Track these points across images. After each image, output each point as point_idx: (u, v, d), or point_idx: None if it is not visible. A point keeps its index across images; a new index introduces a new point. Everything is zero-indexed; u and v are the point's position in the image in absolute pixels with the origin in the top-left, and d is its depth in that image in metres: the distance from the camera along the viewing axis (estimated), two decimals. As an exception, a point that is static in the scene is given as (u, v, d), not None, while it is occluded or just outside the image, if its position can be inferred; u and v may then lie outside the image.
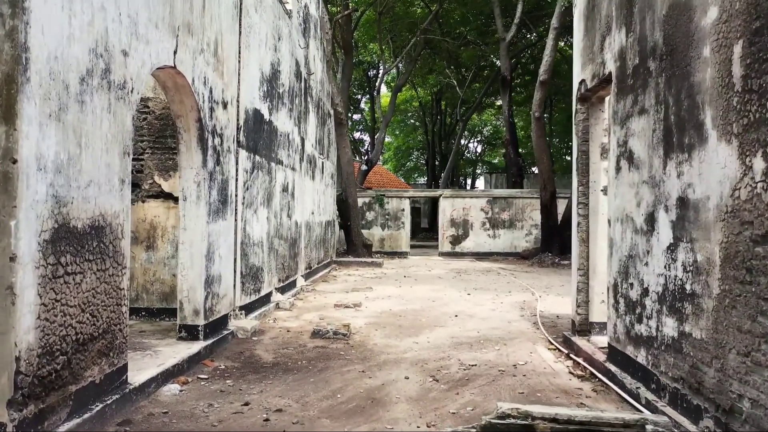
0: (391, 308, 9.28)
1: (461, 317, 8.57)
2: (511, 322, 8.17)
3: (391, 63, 25.23)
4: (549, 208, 17.55)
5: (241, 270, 7.53)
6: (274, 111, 9.19)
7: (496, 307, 9.57)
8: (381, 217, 21.41)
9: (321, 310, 9.10)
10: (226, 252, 6.86)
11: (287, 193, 10.25)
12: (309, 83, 12.40)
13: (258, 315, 8.01)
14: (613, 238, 5.30)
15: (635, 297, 4.74)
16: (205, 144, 6.14)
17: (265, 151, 8.70)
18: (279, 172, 9.60)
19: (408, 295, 10.79)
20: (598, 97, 6.44)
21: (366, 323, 8.00)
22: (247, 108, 7.74)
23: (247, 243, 7.80)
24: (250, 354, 6.25)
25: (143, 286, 7.32)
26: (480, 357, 6.21)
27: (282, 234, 9.92)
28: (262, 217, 8.52)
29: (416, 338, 7.13)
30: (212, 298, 6.40)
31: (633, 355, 4.77)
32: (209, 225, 6.26)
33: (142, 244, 7.31)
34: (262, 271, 8.55)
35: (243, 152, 7.55)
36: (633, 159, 4.84)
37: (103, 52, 4.03)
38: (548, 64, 15.83)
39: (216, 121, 6.46)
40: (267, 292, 8.88)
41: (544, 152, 17.03)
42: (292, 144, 10.66)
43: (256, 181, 8.19)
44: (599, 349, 5.87)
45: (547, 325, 7.92)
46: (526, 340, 7.05)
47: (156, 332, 6.61)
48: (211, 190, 6.30)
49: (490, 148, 55.64)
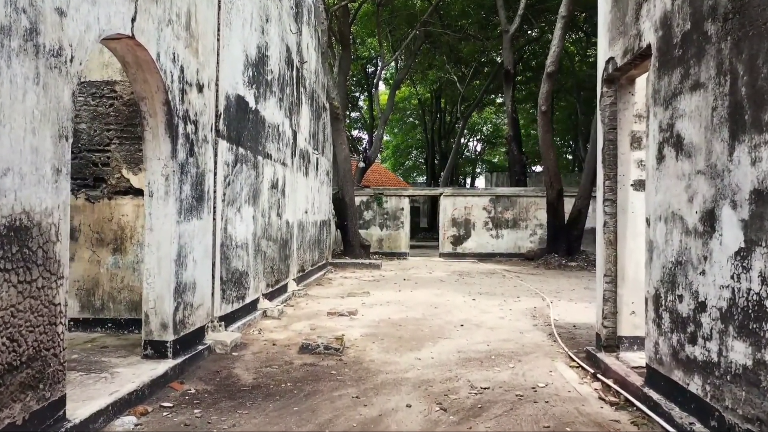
0: (390, 316, 8.44)
1: (467, 327, 7.74)
2: (524, 333, 7.33)
3: (390, 57, 24.39)
4: (555, 206, 16.71)
5: (222, 275, 6.69)
6: (261, 99, 8.35)
7: (504, 314, 8.73)
8: (379, 217, 20.58)
9: (313, 318, 8.26)
10: (202, 255, 6.02)
11: (277, 190, 9.41)
12: (302, 73, 11.56)
13: (241, 325, 7.17)
14: (654, 240, 4.47)
15: (686, 312, 3.91)
16: (175, 131, 5.29)
17: (251, 143, 7.86)
18: (267, 166, 8.76)
19: (408, 301, 9.95)
20: (628, 78, 5.61)
21: (362, 334, 7.16)
22: (229, 94, 6.90)
23: (229, 245, 6.96)
24: (228, 374, 5.41)
25: (110, 295, 6.47)
26: (492, 377, 5.38)
27: (271, 234, 9.08)
28: (246, 216, 7.68)
29: (418, 353, 6.29)
30: (184, 308, 5.56)
31: (683, 382, 3.94)
32: (180, 225, 5.42)
33: (109, 246, 6.47)
34: (246, 276, 7.71)
35: (223, 143, 6.71)
36: (682, 145, 4.01)
37: (27, 6, 3.18)
38: (555, 55, 14.99)
39: (189, 106, 5.62)
40: (253, 299, 8.03)
41: (550, 148, 16.18)
42: (283, 137, 9.82)
43: (240, 176, 7.35)
44: (633, 370, 5.04)
45: (564, 336, 7.10)
46: (543, 355, 6.22)
47: (121, 348, 5.77)
48: (182, 184, 5.46)
49: (490, 147, 54.88)
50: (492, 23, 28.09)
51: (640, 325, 5.63)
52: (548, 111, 15.81)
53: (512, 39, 20.72)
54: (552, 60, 15.03)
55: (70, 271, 6.48)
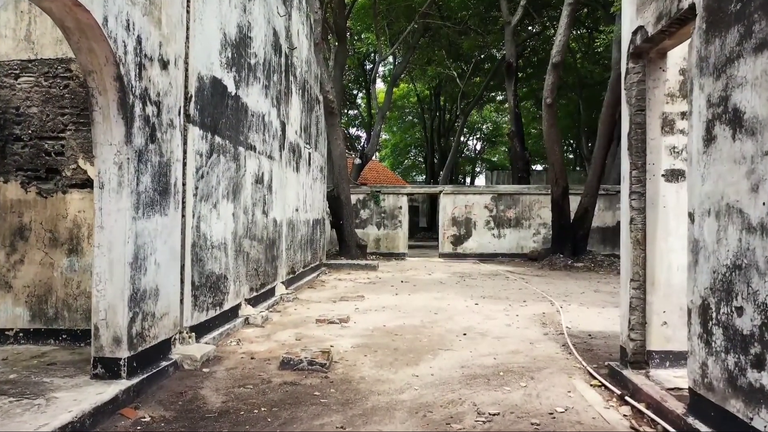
0: (385, 324, 7.66)
1: (471, 336, 6.96)
2: (534, 344, 6.56)
3: (388, 51, 23.61)
4: (561, 204, 15.94)
5: (193, 280, 5.91)
6: (242, 85, 7.57)
7: (511, 321, 7.96)
8: (376, 216, 19.80)
9: (300, 326, 7.47)
10: (168, 257, 5.23)
11: (262, 186, 8.63)
12: (291, 60, 10.77)
13: (217, 336, 6.39)
14: (700, 239, 3.69)
15: (749, 328, 3.13)
16: (130, 112, 4.51)
17: (230, 133, 7.08)
18: (250, 159, 7.98)
19: (405, 306, 9.17)
20: (659, 51, 4.83)
21: (353, 345, 6.38)
22: (203, 75, 6.12)
23: (203, 245, 6.18)
24: (194, 395, 4.63)
25: (64, 302, 5.69)
26: (502, 399, 4.60)
27: (255, 234, 8.30)
28: (225, 213, 6.90)
29: (416, 368, 5.51)
30: (143, 319, 4.77)
31: (743, 415, 3.16)
32: (138, 222, 4.64)
33: (63, 247, 5.68)
34: (225, 280, 6.93)
35: (195, 130, 5.93)
36: (742, 121, 3.23)
37: None
38: (562, 45, 14.21)
39: (149, 84, 4.84)
40: (233, 305, 7.25)
41: (555, 143, 15.40)
42: (269, 128, 9.03)
43: (216, 168, 6.57)
44: (669, 393, 4.26)
45: (580, 347, 6.32)
46: (559, 370, 5.44)
47: (70, 365, 4.99)
48: (140, 174, 4.67)
49: (490, 145, 54.14)
50: (492, 17, 27.34)
51: (672, 338, 4.87)
52: (553, 104, 15.03)
53: (514, 31, 19.94)
54: (558, 49, 14.25)
55: (20, 275, 5.70)
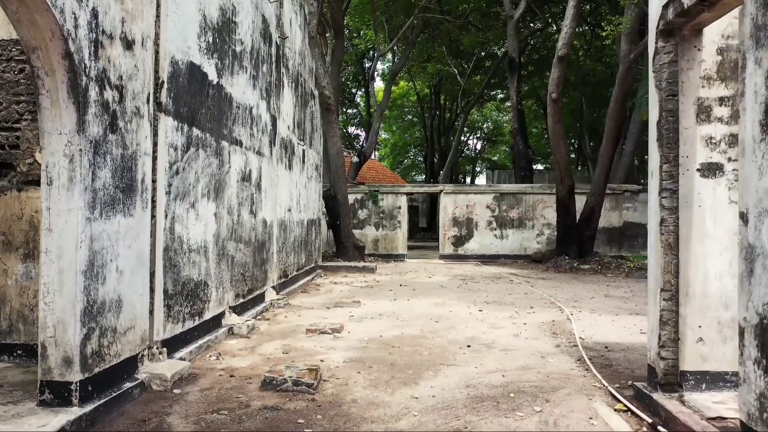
0: (382, 334, 7.03)
1: (476, 348, 6.34)
2: (546, 357, 5.93)
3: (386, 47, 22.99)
4: (566, 204, 15.31)
5: (166, 288, 5.28)
6: (226, 73, 6.95)
7: (519, 330, 7.33)
8: (375, 216, 19.17)
9: (289, 336, 6.85)
10: (133, 264, 4.61)
11: (250, 184, 8.01)
12: (283, 51, 10.15)
13: (195, 350, 5.76)
14: (757, 243, 3.07)
15: (830, 357, 2.51)
16: (84, 96, 3.89)
17: (211, 125, 6.46)
18: (236, 154, 7.36)
19: (404, 313, 8.55)
20: (694, 27, 4.21)
21: (345, 360, 5.75)
22: (177, 59, 5.49)
23: (179, 249, 5.55)
24: (158, 424, 4.00)
25: (20, 314, 5.06)
26: (515, 428, 3.98)
27: (241, 236, 7.67)
28: (205, 214, 6.28)
29: (415, 387, 4.89)
30: (101, 335, 4.15)
31: (822, 464, 2.54)
32: (93, 223, 4.02)
33: (18, 251, 5.06)
34: (205, 287, 6.31)
35: (168, 120, 5.31)
36: (818, 99, 2.61)
37: None
38: (568, 36, 13.58)
39: (108, 65, 4.21)
40: (215, 314, 6.63)
41: (561, 140, 14.76)
42: (257, 122, 8.41)
43: (194, 163, 5.94)
44: (711, 423, 3.64)
45: (597, 362, 5.69)
46: (576, 391, 4.82)
47: (20, 387, 4.36)
48: (97, 169, 4.05)
49: (490, 145, 53.55)
50: (493, 12, 26.71)
51: (709, 357, 4.25)
52: (559, 99, 14.39)
53: (517, 25, 19.32)
54: (564, 42, 13.62)
55: (-30, 283, 5.08)
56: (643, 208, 18.81)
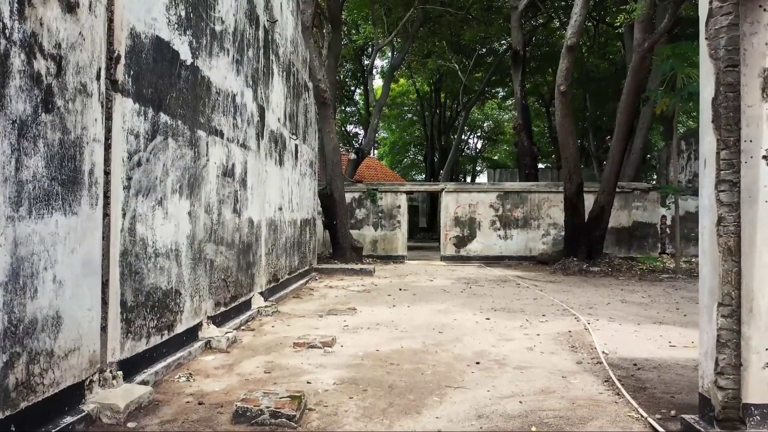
0: (379, 348, 6.24)
1: (486, 365, 5.55)
2: (568, 378, 5.14)
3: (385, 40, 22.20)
4: (575, 203, 14.53)
5: (124, 299, 4.50)
6: (202, 54, 6.16)
7: (532, 342, 6.55)
8: (373, 215, 18.38)
9: (273, 351, 6.06)
10: (78, 272, 3.82)
11: (232, 180, 7.22)
12: (272, 36, 9.36)
13: (163, 369, 4.98)
14: None
15: None
16: (3, 65, 3.10)
17: (184, 111, 5.67)
18: (215, 146, 6.57)
19: (404, 322, 7.76)
20: (761, -18, 3.43)
21: (336, 381, 4.96)
22: (140, 31, 4.71)
23: (141, 253, 4.77)
24: (98, 473, 3.22)
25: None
26: (542, 478, 3.19)
27: (223, 237, 6.89)
28: (177, 212, 5.49)
29: (417, 419, 4.11)
30: (30, 361, 3.36)
31: None
32: (18, 223, 3.23)
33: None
34: (177, 296, 5.52)
35: (128, 102, 4.52)
36: None
37: None
38: (577, 25, 12.80)
39: (39, 28, 3.42)
40: (189, 327, 5.84)
41: (570, 135, 13.97)
42: (242, 111, 7.63)
43: (162, 154, 5.16)
44: (797, 478, 2.86)
45: (629, 384, 4.90)
46: (611, 422, 4.03)
47: (-66, 424, 3.57)
48: (23, 156, 3.27)
49: (491, 144, 52.79)
50: (496, 6, 25.95)
51: (780, 387, 3.46)
52: (568, 91, 13.60)
53: (521, 17, 18.54)
54: (573, 31, 12.83)
55: None
56: (652, 207, 18.05)
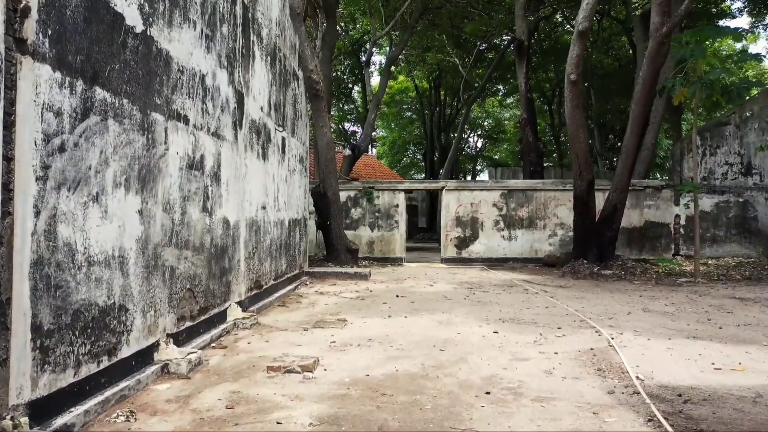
0: (370, 372, 5.25)
1: (498, 395, 4.56)
2: (601, 414, 4.15)
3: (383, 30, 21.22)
4: (586, 201, 13.54)
5: (38, 321, 3.50)
6: (159, 22, 5.18)
7: (551, 364, 5.55)
8: (370, 215, 17.39)
9: (243, 377, 5.07)
10: (-45, 290, 2.83)
11: (201, 173, 6.24)
12: (254, 15, 8.37)
13: (97, 406, 3.98)
14: None
15: None
16: None
17: (132, 88, 4.68)
18: (177, 133, 5.59)
19: (400, 336, 6.77)
20: None
21: (313, 421, 3.97)
22: (62, -18, 3.72)
23: (66, 261, 3.78)
24: None
25: None
26: None
27: (188, 240, 5.90)
28: (121, 210, 4.50)
29: (414, 479, 3.12)
30: None
31: None
32: None
33: None
34: (122, 312, 4.53)
35: (43, 69, 3.53)
36: None
37: None
38: (589, 9, 11.82)
39: None
40: (140, 348, 4.85)
41: (581, 127, 12.98)
42: (214, 95, 6.64)
43: (98, 139, 4.17)
44: None
45: (679, 425, 3.91)
46: (669, 487, 3.04)
47: None
48: None
49: (491, 143, 51.86)
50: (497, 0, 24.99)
51: None
52: (578, 80, 12.61)
53: (525, 6, 17.56)
54: (585, 15, 11.86)
55: None
56: (665, 206, 17.07)
